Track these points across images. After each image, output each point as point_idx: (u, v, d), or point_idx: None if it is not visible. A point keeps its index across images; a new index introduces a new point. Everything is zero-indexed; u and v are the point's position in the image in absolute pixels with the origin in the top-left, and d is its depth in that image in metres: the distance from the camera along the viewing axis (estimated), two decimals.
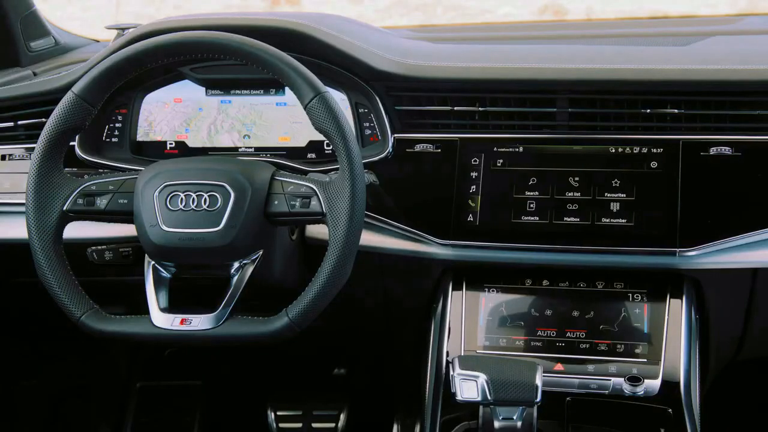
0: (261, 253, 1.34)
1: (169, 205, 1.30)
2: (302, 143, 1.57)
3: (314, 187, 1.30)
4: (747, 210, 1.38)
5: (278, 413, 1.98)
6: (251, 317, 1.29)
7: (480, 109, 1.49)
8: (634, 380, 1.34)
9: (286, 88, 1.33)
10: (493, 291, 1.47)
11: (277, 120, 1.58)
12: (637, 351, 1.38)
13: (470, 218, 1.47)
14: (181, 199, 1.30)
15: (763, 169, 1.39)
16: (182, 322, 1.29)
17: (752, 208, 1.38)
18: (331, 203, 1.27)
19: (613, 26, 2.21)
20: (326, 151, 1.57)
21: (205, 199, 1.30)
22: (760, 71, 1.39)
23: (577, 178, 1.45)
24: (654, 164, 1.43)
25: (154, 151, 1.60)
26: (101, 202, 1.33)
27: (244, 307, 1.32)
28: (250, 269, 1.33)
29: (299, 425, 1.97)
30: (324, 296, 1.26)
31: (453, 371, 1.22)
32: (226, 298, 1.30)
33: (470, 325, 1.45)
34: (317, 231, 1.50)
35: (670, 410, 1.31)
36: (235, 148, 1.59)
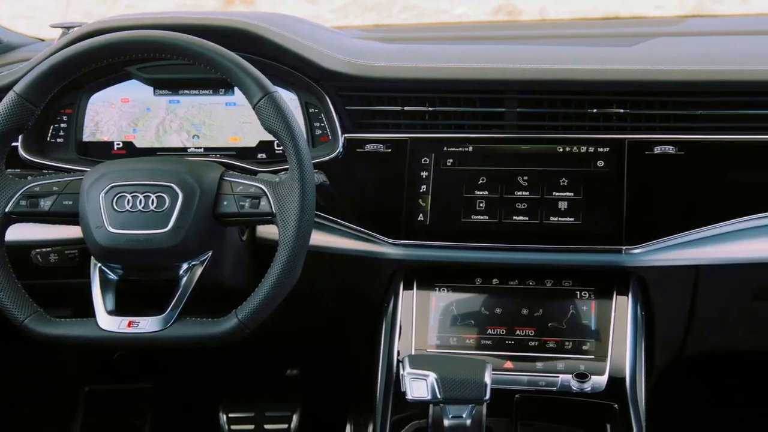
0: (210, 254, 1.33)
1: (115, 207, 1.28)
2: (252, 143, 1.57)
3: (263, 188, 1.30)
4: (690, 208, 1.41)
5: (230, 415, 1.97)
6: (200, 319, 1.28)
7: (430, 109, 1.50)
8: (582, 377, 1.35)
9: (236, 88, 1.33)
10: (443, 290, 1.48)
11: (227, 120, 1.57)
12: (585, 348, 1.40)
13: (421, 218, 1.47)
14: (128, 200, 1.29)
15: (705, 168, 1.42)
16: (129, 324, 1.28)
17: (695, 206, 1.41)
18: (281, 203, 1.27)
19: (566, 27, 2.23)
20: (277, 152, 1.56)
21: (153, 200, 1.29)
22: (701, 71, 1.42)
23: (525, 178, 1.46)
24: (601, 163, 1.45)
25: (101, 151, 1.58)
26: (45, 204, 1.31)
27: (194, 308, 1.30)
28: (199, 270, 1.32)
29: (251, 427, 1.96)
30: (273, 297, 1.26)
31: (403, 370, 1.23)
32: (175, 300, 1.29)
33: (421, 324, 1.45)
34: (268, 231, 1.50)
35: (616, 406, 1.33)
36: (184, 149, 1.58)
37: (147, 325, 1.27)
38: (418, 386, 1.22)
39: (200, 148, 1.58)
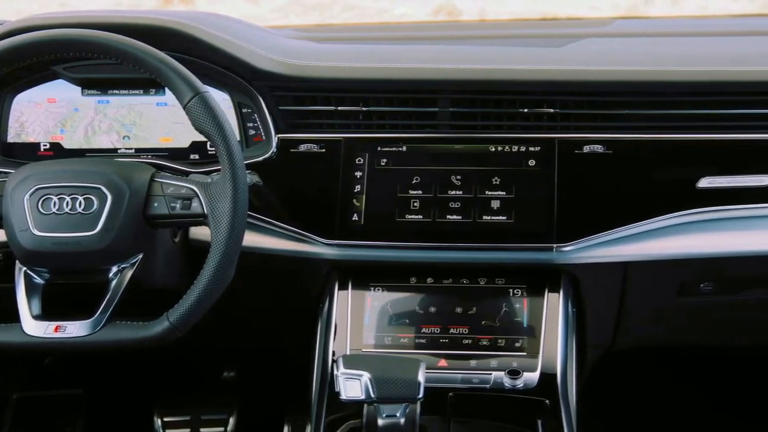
0: (141, 256, 1.31)
1: (41, 209, 1.26)
2: (185, 144, 1.55)
3: (195, 189, 1.28)
4: (618, 206, 1.44)
5: (165, 419, 1.94)
6: (130, 322, 1.26)
7: (363, 109, 1.51)
8: (514, 373, 1.37)
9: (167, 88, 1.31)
10: (378, 290, 1.49)
11: (158, 120, 1.55)
12: (517, 345, 1.42)
13: (355, 218, 1.47)
14: (54, 202, 1.26)
15: (632, 166, 1.45)
16: (56, 329, 1.25)
17: (623, 204, 1.44)
18: (213, 204, 1.26)
19: (505, 27, 2.26)
20: (209, 152, 1.55)
21: (80, 202, 1.26)
22: (626, 72, 1.45)
23: (459, 177, 1.48)
24: (532, 162, 1.47)
25: (27, 153, 1.54)
26: None
27: (125, 311, 1.29)
28: (129, 273, 1.30)
29: (187, 430, 1.94)
30: (206, 299, 1.25)
31: (337, 370, 1.23)
32: (104, 304, 1.27)
33: (356, 324, 1.46)
34: (201, 233, 1.48)
35: (547, 401, 1.35)
36: (115, 150, 1.55)
37: (75, 329, 1.25)
38: (352, 386, 1.22)
39: (131, 149, 1.55)
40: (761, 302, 1.57)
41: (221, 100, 1.50)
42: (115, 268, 1.29)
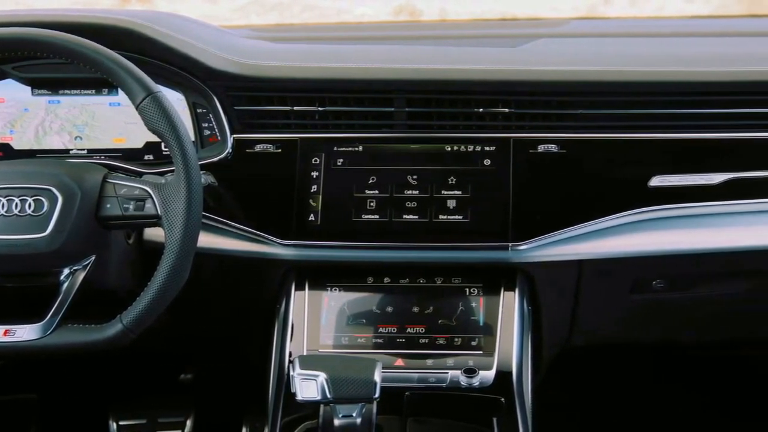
0: (94, 258, 1.29)
1: None
2: (138, 144, 1.53)
3: (149, 189, 1.27)
4: (572, 205, 1.46)
5: (121, 423, 1.91)
6: (83, 325, 1.25)
7: (320, 109, 1.50)
8: (470, 372, 1.38)
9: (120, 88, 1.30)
10: (335, 290, 1.48)
11: (111, 121, 1.53)
12: (474, 344, 1.42)
13: (312, 218, 1.47)
14: (3, 204, 1.24)
15: (585, 165, 1.47)
16: (5, 333, 1.23)
17: (576, 203, 1.46)
18: (167, 205, 1.25)
19: (464, 27, 2.27)
20: (164, 153, 1.53)
21: (30, 204, 1.25)
22: (579, 72, 1.47)
23: (415, 177, 1.48)
24: (487, 162, 1.48)
25: None
26: None
27: (78, 314, 1.27)
28: (81, 275, 1.28)
29: None
30: (160, 300, 1.24)
31: (293, 371, 1.22)
32: (55, 306, 1.25)
33: (313, 324, 1.45)
34: (155, 234, 1.46)
35: (503, 399, 1.36)
36: (66, 151, 1.53)
37: (25, 333, 1.23)
38: (308, 387, 1.22)
39: (83, 149, 1.53)
40: (711, 298, 1.60)
41: (176, 100, 1.48)
42: (66, 270, 1.28)
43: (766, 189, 1.46)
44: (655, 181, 1.45)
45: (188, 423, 1.93)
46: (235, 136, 1.50)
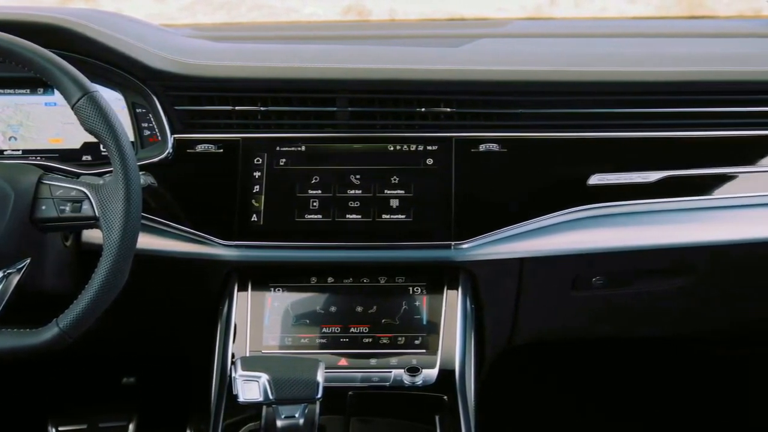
0: (29, 261, 1.27)
1: None
2: (76, 145, 1.51)
3: (86, 191, 1.25)
4: (513, 203, 1.47)
5: (60, 429, 1.87)
6: (16, 329, 1.22)
7: (262, 108, 1.50)
8: (413, 371, 1.38)
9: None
10: (278, 290, 1.48)
11: (47, 121, 1.50)
12: (417, 342, 1.43)
13: (254, 218, 1.46)
14: None
15: (526, 164, 1.48)
16: None
17: (517, 202, 1.47)
18: (105, 207, 1.23)
19: (413, 27, 2.27)
20: (103, 153, 1.51)
21: None
22: (521, 72, 1.48)
23: (358, 176, 1.48)
24: (430, 161, 1.49)
25: None
26: None
27: (13, 318, 1.24)
28: (16, 278, 1.26)
29: None
30: (98, 303, 1.21)
31: (235, 373, 1.22)
32: None
33: (256, 325, 1.44)
34: (93, 236, 1.44)
35: (445, 397, 1.37)
36: (0, 151, 1.50)
37: None
38: (250, 388, 1.21)
39: (18, 150, 1.50)
40: (650, 294, 1.63)
41: (114, 100, 1.47)
42: (0, 273, 1.25)
43: (700, 186, 1.49)
44: (594, 180, 1.47)
45: (130, 427, 1.90)
46: (175, 136, 1.49)
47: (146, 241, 1.42)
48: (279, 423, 1.24)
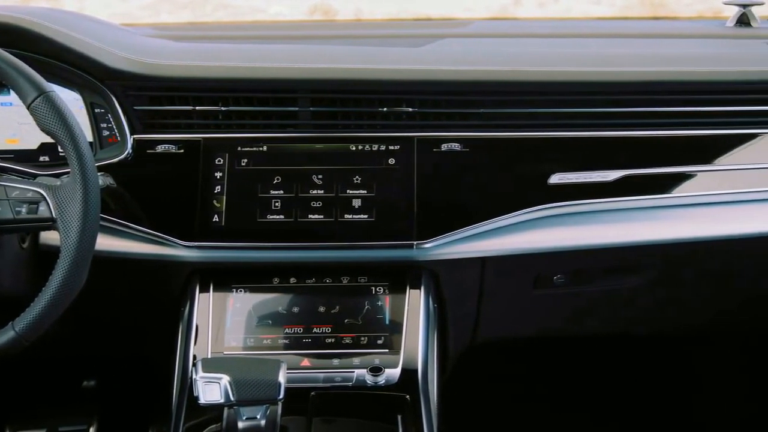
0: None
1: None
2: (33, 145, 1.49)
3: (42, 192, 1.24)
4: (475, 203, 1.48)
5: None
6: None
7: (223, 109, 1.49)
8: (376, 370, 1.38)
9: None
10: (241, 291, 1.47)
11: (3, 121, 1.48)
12: (380, 342, 1.43)
13: (216, 219, 1.45)
14: None
15: (487, 164, 1.49)
16: None
17: (479, 201, 1.48)
18: (62, 208, 1.22)
19: (378, 27, 2.27)
20: (61, 154, 1.49)
21: None
22: (482, 72, 1.49)
23: (320, 176, 1.48)
24: (392, 161, 1.49)
25: None
26: None
27: None
28: None
29: None
30: (55, 306, 1.20)
31: (196, 375, 1.21)
32: None
33: (218, 326, 1.43)
34: (51, 237, 1.42)
35: (408, 397, 1.37)
36: None
37: None
38: (211, 390, 1.20)
39: None
40: (611, 292, 1.64)
41: (72, 100, 1.45)
42: None
43: (658, 185, 1.51)
44: (555, 179, 1.49)
45: (91, 431, 1.88)
46: (135, 136, 1.47)
47: (106, 243, 1.41)
48: (240, 424, 1.23)
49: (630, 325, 1.79)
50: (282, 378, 1.21)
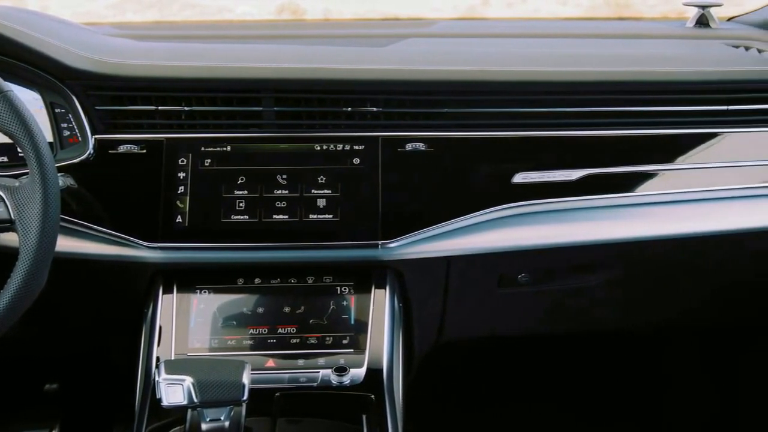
0: None
1: None
2: None
3: (0, 193, 1.22)
4: (440, 202, 1.48)
5: None
6: None
7: (186, 108, 1.48)
8: (341, 370, 1.38)
9: None
10: (205, 292, 1.46)
11: None
12: (345, 342, 1.42)
13: (179, 219, 1.44)
14: None
15: (451, 163, 1.49)
16: None
17: (444, 200, 1.48)
18: (21, 209, 1.20)
19: (347, 27, 2.27)
20: (20, 154, 1.46)
21: None
22: (445, 72, 1.49)
23: (285, 176, 1.47)
24: (356, 161, 1.48)
25: None
26: None
27: None
28: None
29: None
30: (14, 309, 1.18)
31: (158, 376, 1.20)
32: None
33: (181, 328, 1.42)
34: (10, 239, 1.39)
35: (372, 396, 1.37)
36: None
37: None
38: (174, 391, 1.19)
39: None
40: (575, 290, 1.66)
41: (32, 100, 1.43)
42: None
43: (621, 184, 1.52)
44: (518, 178, 1.49)
45: None
46: (96, 136, 1.46)
47: (67, 244, 1.40)
48: (204, 426, 1.22)
49: (595, 323, 1.81)
50: (246, 379, 1.20)
